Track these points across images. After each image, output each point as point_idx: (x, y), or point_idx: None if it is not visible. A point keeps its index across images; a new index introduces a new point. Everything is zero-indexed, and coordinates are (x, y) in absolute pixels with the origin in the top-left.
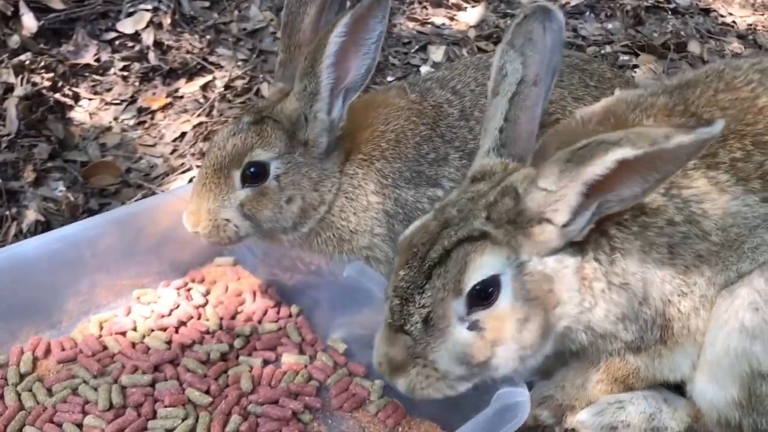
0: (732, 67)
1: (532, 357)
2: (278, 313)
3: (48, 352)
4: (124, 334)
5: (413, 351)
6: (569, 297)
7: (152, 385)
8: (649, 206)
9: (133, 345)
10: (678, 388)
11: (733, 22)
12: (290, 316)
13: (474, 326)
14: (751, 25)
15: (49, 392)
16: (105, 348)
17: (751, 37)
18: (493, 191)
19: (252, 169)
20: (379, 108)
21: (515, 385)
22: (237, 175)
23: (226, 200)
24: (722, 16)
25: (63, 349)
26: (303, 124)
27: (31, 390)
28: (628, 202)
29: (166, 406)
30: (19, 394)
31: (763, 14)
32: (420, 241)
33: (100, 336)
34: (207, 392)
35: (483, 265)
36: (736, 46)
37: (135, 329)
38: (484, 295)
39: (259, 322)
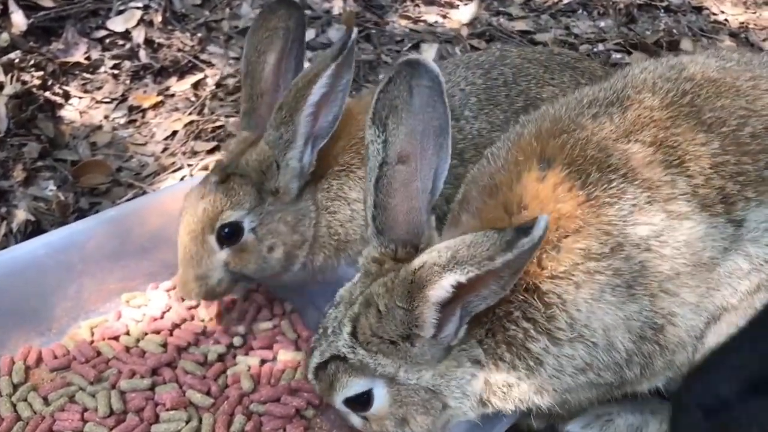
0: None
1: None
2: (272, 311)
3: (40, 360)
4: (117, 338)
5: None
6: (460, 402)
7: (152, 389)
8: (595, 251)
9: (128, 349)
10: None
11: (725, 20)
12: (284, 313)
13: (364, 417)
14: (743, 23)
15: (46, 401)
16: (99, 354)
17: (743, 35)
18: (360, 300)
19: (226, 230)
20: (359, 115)
21: None
22: (212, 239)
23: (209, 265)
24: (714, 14)
25: (55, 357)
26: (274, 172)
27: (26, 400)
28: (493, 298)
29: (168, 410)
30: (14, 405)
31: (755, 12)
32: (316, 334)
33: (93, 342)
34: (208, 393)
35: (349, 385)
36: (728, 44)
37: (128, 333)
38: (359, 402)
39: (254, 320)
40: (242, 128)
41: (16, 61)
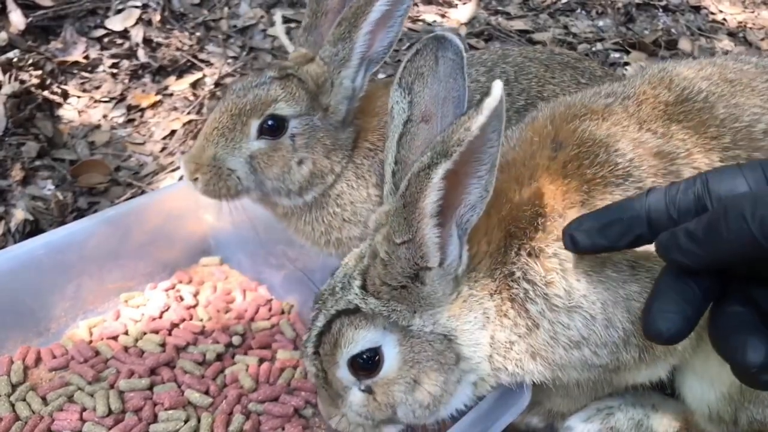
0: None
1: (440, 410)
2: (270, 310)
3: (38, 360)
4: (115, 338)
5: (331, 401)
6: (473, 351)
7: (150, 388)
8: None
9: (126, 349)
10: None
11: (724, 19)
12: (282, 312)
13: (367, 389)
14: (741, 22)
15: (44, 401)
16: (97, 353)
17: (741, 35)
18: (368, 253)
19: (271, 122)
20: (383, 97)
21: None
22: (255, 124)
23: (236, 148)
24: (713, 13)
25: (54, 357)
26: (328, 88)
27: (25, 399)
28: (480, 204)
29: (166, 409)
30: (13, 405)
31: (753, 12)
32: (317, 304)
33: (91, 341)
34: (206, 393)
35: (356, 340)
36: (726, 43)
37: (126, 333)
38: (368, 365)
39: (252, 320)
40: (300, 44)
41: (15, 60)
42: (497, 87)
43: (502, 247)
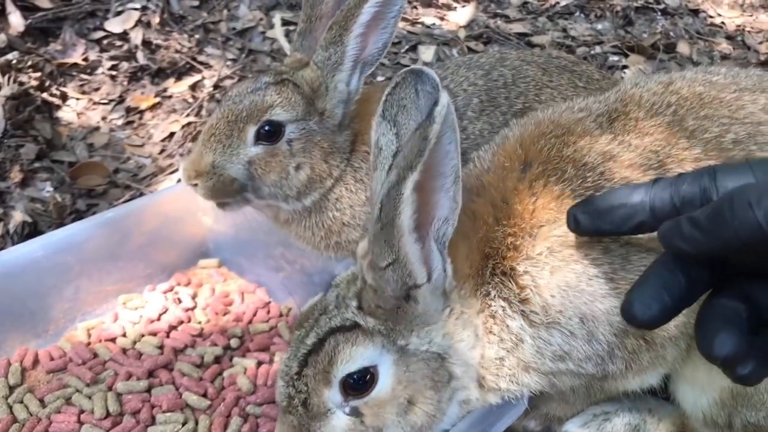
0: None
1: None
2: (268, 312)
3: (36, 362)
4: (113, 340)
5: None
6: (464, 371)
7: (148, 391)
8: (572, 239)
9: (124, 351)
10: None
11: (722, 23)
12: (281, 315)
13: (353, 412)
14: (739, 26)
15: (42, 403)
16: (95, 356)
17: (739, 38)
18: (360, 277)
19: (267, 128)
20: (379, 101)
21: None
22: (252, 130)
23: (234, 155)
24: (711, 17)
25: (52, 359)
26: (323, 93)
27: (22, 402)
28: (452, 216)
29: (164, 412)
30: (10, 407)
31: (751, 15)
32: (303, 324)
33: (89, 343)
34: (204, 395)
35: (353, 357)
36: (724, 46)
37: (125, 335)
38: (359, 385)
39: (250, 322)
40: (295, 49)
41: (14, 62)
42: (443, 96)
43: (480, 269)
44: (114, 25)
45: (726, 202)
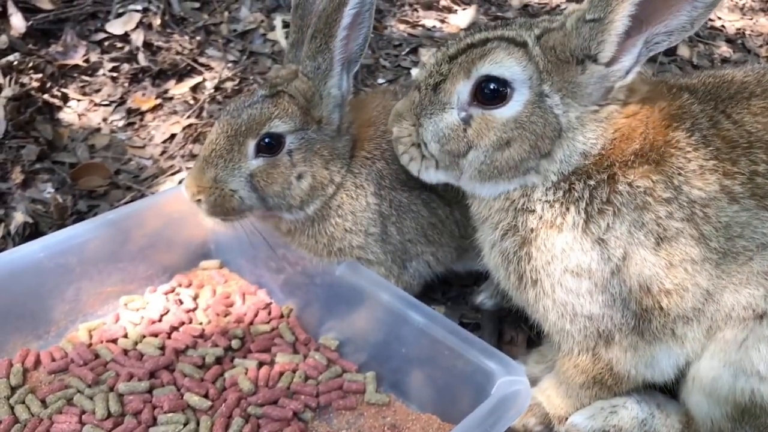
0: None
1: (490, 180)
2: (269, 314)
3: (38, 363)
4: (115, 341)
5: (414, 109)
6: (569, 152)
7: (150, 391)
8: (658, 194)
9: (126, 352)
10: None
11: (722, 26)
12: (282, 316)
13: (466, 119)
14: (739, 29)
15: (44, 404)
16: (97, 356)
17: (739, 42)
18: (555, 20)
19: (267, 140)
20: (378, 107)
21: (515, 374)
22: (252, 144)
23: (236, 169)
24: (711, 20)
25: (53, 360)
26: (318, 101)
27: (24, 402)
28: (677, 35)
29: (165, 412)
30: (12, 407)
31: (751, 18)
32: (475, 29)
33: (91, 344)
34: (206, 396)
35: (503, 63)
36: (725, 50)
37: (126, 336)
38: (491, 93)
39: (251, 323)
40: (289, 60)
41: (15, 63)
42: None
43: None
44: (115, 27)
45: None
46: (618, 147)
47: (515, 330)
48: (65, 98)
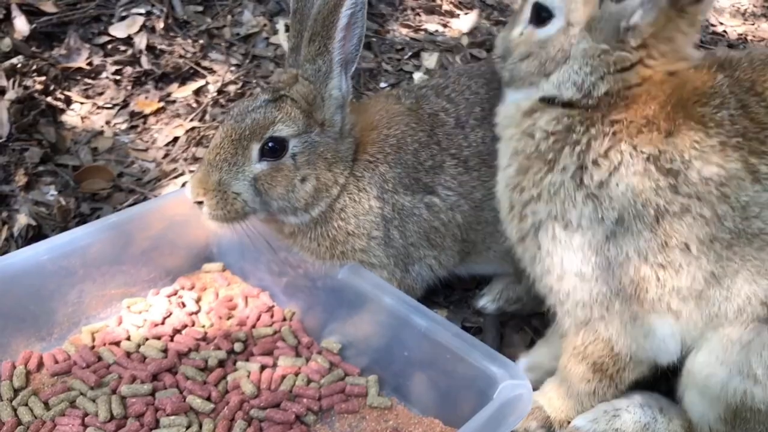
0: None
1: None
2: (272, 317)
3: (41, 365)
4: (118, 344)
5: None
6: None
7: (152, 394)
8: (661, 164)
9: (129, 355)
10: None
11: (724, 31)
12: (284, 319)
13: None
14: (741, 34)
15: (47, 406)
16: (100, 359)
17: (741, 47)
18: None
19: (271, 144)
20: (380, 111)
21: (517, 378)
22: (256, 148)
23: (240, 172)
24: (713, 25)
25: (56, 362)
26: (320, 104)
27: (27, 404)
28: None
29: (168, 415)
30: (15, 409)
31: (753, 24)
32: None
33: (94, 347)
34: (208, 399)
35: None
36: None
37: (129, 339)
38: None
39: (254, 326)
40: (289, 65)
41: (19, 66)
42: None
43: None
44: (118, 30)
45: None
46: (631, 107)
47: (517, 334)
48: (68, 101)
